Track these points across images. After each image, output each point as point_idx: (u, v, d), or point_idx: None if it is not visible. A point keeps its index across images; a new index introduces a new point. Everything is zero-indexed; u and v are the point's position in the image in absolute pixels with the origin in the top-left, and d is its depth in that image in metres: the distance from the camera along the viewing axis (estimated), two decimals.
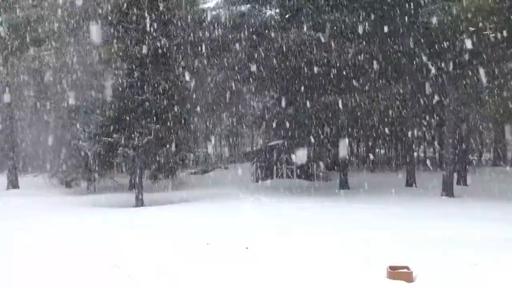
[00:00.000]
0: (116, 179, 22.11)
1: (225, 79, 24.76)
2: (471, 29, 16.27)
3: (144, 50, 16.60)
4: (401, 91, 20.46)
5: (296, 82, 20.46)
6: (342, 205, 15.62)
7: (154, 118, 16.64)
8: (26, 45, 22.32)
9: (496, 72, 18.44)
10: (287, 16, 21.53)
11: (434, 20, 16.70)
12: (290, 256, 7.33)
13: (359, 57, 18.91)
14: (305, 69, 19.56)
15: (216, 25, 21.68)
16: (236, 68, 22.61)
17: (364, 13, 18.57)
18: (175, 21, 18.36)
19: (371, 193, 19.29)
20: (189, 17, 21.56)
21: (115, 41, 16.80)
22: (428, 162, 30.50)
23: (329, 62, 19.33)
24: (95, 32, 16.99)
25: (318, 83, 20.08)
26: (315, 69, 19.08)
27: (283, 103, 21.00)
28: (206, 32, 21.48)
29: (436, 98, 20.33)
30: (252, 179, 26.33)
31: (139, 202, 17.10)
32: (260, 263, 6.86)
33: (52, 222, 12.03)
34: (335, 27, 18.94)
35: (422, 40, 18.58)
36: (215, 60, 24.04)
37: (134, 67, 16.73)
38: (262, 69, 20.88)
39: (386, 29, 18.00)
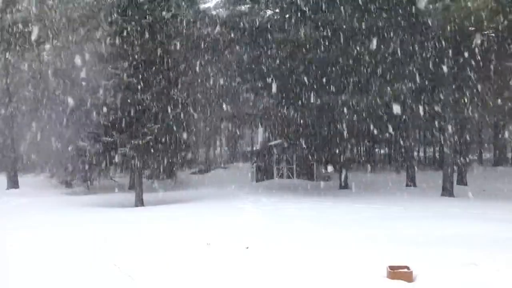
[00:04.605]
0: (116, 179, 22.11)
1: (225, 79, 24.74)
2: (471, 28, 16.26)
3: (144, 50, 16.58)
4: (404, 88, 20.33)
5: (296, 81, 20.43)
6: (342, 205, 15.61)
7: (154, 118, 16.63)
8: (26, 45, 22.30)
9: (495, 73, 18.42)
10: (287, 16, 21.50)
11: (435, 18, 16.69)
12: (290, 256, 7.33)
13: (358, 56, 18.87)
14: (305, 69, 19.54)
15: (216, 25, 21.67)
16: (236, 67, 22.60)
17: (363, 12, 18.54)
18: (175, 21, 18.35)
19: (371, 193, 19.30)
20: (189, 17, 21.55)
21: (115, 41, 16.78)
22: (428, 162, 30.45)
23: (328, 61, 19.31)
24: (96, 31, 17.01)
25: (317, 83, 20.06)
26: (315, 68, 19.05)
27: (283, 103, 20.93)
28: (206, 32, 21.48)
29: (436, 98, 20.30)
30: (252, 179, 26.32)
31: (139, 202, 17.11)
32: (260, 263, 6.86)
33: (52, 222, 12.02)
34: (334, 27, 18.91)
35: (422, 40, 18.56)
36: (215, 60, 24.04)
37: (134, 67, 16.72)
38: (261, 69, 20.85)
39: (385, 28, 17.97)
